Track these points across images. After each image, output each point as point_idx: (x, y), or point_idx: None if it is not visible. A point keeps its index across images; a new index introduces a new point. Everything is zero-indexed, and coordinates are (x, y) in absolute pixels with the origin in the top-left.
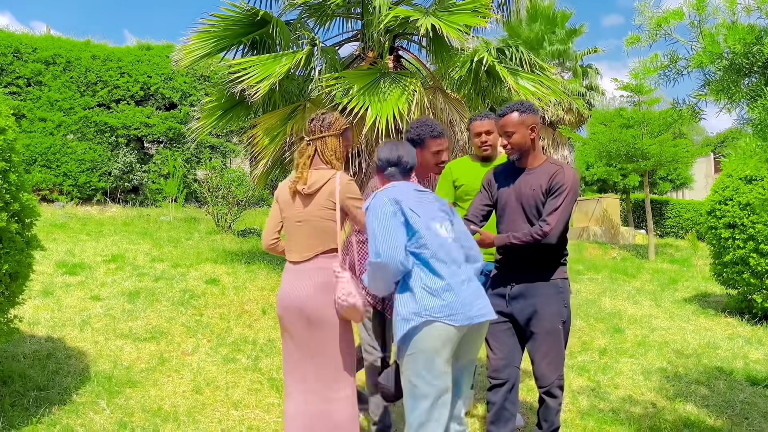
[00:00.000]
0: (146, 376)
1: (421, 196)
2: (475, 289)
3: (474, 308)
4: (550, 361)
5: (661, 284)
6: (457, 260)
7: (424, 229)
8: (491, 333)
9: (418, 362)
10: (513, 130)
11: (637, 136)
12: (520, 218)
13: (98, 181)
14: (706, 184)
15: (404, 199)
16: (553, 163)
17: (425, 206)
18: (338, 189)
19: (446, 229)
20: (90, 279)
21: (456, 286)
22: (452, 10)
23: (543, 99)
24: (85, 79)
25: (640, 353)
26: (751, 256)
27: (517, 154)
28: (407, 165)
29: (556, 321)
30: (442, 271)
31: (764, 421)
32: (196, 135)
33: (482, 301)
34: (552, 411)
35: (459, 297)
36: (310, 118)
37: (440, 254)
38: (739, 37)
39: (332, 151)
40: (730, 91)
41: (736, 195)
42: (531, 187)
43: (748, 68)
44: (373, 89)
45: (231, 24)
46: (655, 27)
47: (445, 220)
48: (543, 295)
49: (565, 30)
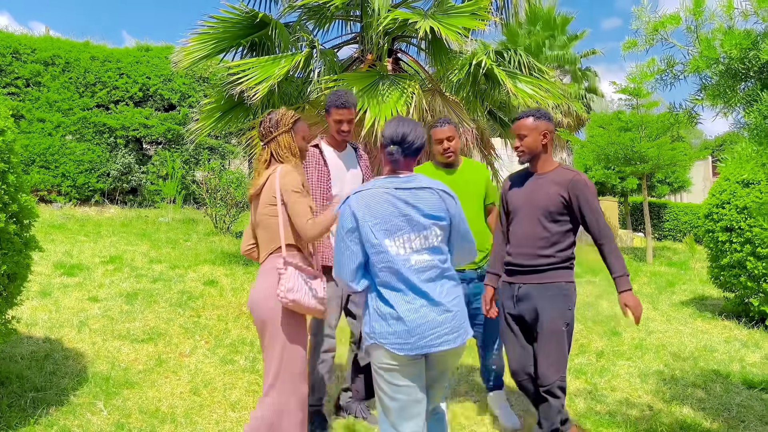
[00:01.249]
0: (144, 377)
1: (396, 199)
2: (437, 314)
3: (426, 338)
4: (552, 361)
5: (658, 287)
6: (414, 285)
7: (377, 251)
8: (506, 337)
9: (379, 378)
10: (526, 133)
11: (636, 140)
12: (530, 219)
13: (96, 182)
14: (704, 188)
15: (366, 213)
16: (566, 169)
17: (393, 217)
18: (277, 182)
19: (414, 244)
20: (88, 280)
21: (406, 314)
22: (451, 12)
23: (541, 102)
24: (84, 80)
25: (637, 356)
26: (748, 259)
27: (528, 157)
28: (412, 145)
29: (559, 323)
30: (392, 298)
31: (760, 424)
32: (194, 136)
33: (446, 326)
34: (553, 410)
35: (410, 325)
36: (259, 121)
37: (390, 279)
38: (735, 42)
39: (286, 148)
40: (726, 96)
41: (733, 198)
42: (545, 190)
43: (744, 73)
44: (371, 91)
45: (230, 26)
46: (652, 32)
47: (421, 230)
48: (547, 297)
49: (565, 35)
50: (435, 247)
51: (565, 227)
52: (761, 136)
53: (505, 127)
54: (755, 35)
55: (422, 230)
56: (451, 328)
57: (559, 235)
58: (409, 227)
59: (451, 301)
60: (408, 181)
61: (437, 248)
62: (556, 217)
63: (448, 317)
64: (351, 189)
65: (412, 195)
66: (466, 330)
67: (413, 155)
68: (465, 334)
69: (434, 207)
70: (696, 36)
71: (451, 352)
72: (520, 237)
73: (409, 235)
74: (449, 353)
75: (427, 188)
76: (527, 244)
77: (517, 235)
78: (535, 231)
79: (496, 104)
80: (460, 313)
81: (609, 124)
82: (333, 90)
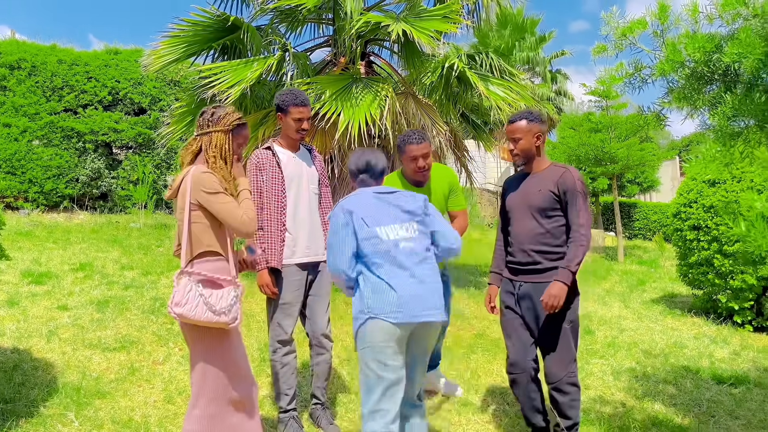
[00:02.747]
0: (116, 386)
1: (380, 200)
2: (424, 290)
3: (418, 308)
4: (557, 358)
5: (630, 285)
6: (403, 264)
7: (370, 237)
8: (506, 328)
9: (368, 355)
10: (520, 136)
11: (605, 140)
12: (525, 217)
13: (65, 187)
14: (672, 187)
15: (358, 208)
16: (558, 166)
17: (380, 211)
18: (189, 185)
19: (399, 232)
20: (57, 288)
21: (398, 286)
22: (423, 16)
23: (513, 105)
24: (51, 84)
25: (610, 354)
26: (715, 257)
27: (523, 159)
28: (377, 169)
29: (561, 320)
30: (384, 274)
31: (730, 419)
32: (166, 140)
33: (431, 302)
34: (564, 406)
35: (401, 297)
36: (201, 111)
37: (383, 259)
38: (698, 45)
39: (217, 148)
40: (692, 99)
41: (700, 198)
42: (538, 188)
43: (709, 76)
44: (345, 95)
45: (201, 29)
46: (620, 37)
47: (404, 221)
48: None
49: (535, 36)
50: (417, 237)
51: (559, 222)
52: (725, 138)
53: (477, 130)
54: (719, 38)
55: (404, 222)
56: (434, 304)
57: (554, 229)
58: (394, 219)
59: (435, 282)
60: (386, 188)
61: (419, 238)
62: (548, 213)
63: (433, 294)
64: (309, 189)
65: (393, 196)
66: (445, 311)
67: (380, 177)
68: (445, 314)
69: (411, 205)
70: (662, 40)
71: (433, 326)
72: (517, 234)
73: (394, 225)
74: (431, 328)
75: (399, 194)
76: (523, 240)
77: (514, 233)
78: (530, 227)
79: (468, 107)
80: (441, 293)
81: (579, 125)
82: (284, 91)
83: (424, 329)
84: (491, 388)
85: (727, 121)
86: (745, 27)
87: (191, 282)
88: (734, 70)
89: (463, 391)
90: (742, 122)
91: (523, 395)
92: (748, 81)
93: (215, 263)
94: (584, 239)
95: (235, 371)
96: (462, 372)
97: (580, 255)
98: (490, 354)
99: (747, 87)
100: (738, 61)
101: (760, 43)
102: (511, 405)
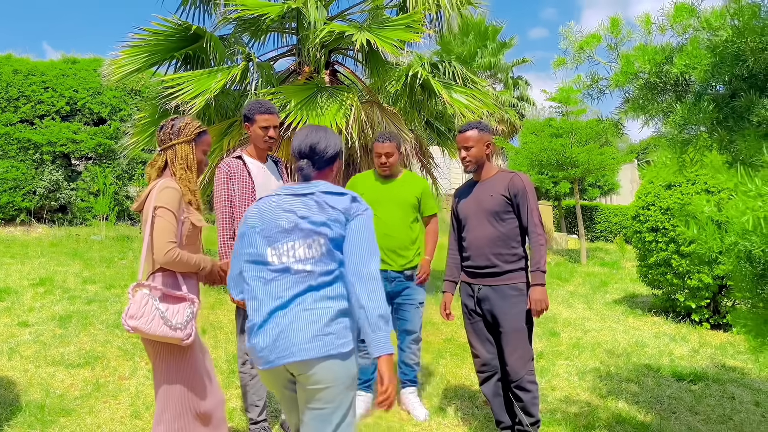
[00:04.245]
0: (81, 403)
1: (280, 211)
2: (283, 328)
3: (276, 351)
4: (518, 356)
5: (593, 287)
6: (281, 296)
7: (251, 262)
8: (470, 331)
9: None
10: (472, 144)
11: (566, 145)
12: (480, 223)
13: (22, 200)
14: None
15: (258, 218)
16: (506, 172)
17: (279, 224)
18: (153, 197)
19: (290, 253)
20: (16, 304)
21: (258, 327)
22: (387, 25)
23: (476, 111)
24: (6, 95)
25: (575, 355)
26: (673, 257)
27: (474, 166)
28: (323, 155)
29: (520, 320)
30: (252, 309)
31: (690, 414)
32: (128, 151)
33: (288, 340)
34: (528, 404)
35: (260, 339)
36: (159, 125)
37: (256, 293)
38: (648, 57)
39: (182, 159)
40: (646, 108)
41: (657, 200)
42: (489, 194)
43: (662, 86)
44: (310, 104)
45: (163, 39)
46: (578, 50)
47: (299, 238)
48: (506, 297)
49: (496, 43)
50: (317, 258)
51: (513, 224)
52: (676, 145)
53: (441, 137)
54: (670, 50)
55: (302, 236)
56: (296, 339)
57: (509, 232)
58: (293, 235)
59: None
60: (306, 188)
61: (320, 259)
62: (503, 216)
63: (294, 327)
64: None
65: (301, 202)
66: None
67: (326, 166)
68: (300, 353)
69: (317, 215)
70: (617, 53)
71: (306, 363)
72: (473, 240)
73: (291, 242)
74: (307, 365)
75: (311, 194)
76: (481, 245)
77: (470, 239)
78: (486, 232)
79: (432, 114)
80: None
81: (541, 130)
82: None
83: (302, 371)
84: (460, 392)
85: (678, 129)
86: (693, 38)
87: (149, 296)
88: (684, 80)
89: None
90: (692, 130)
91: (493, 394)
92: (698, 91)
93: (173, 278)
94: (542, 238)
95: (200, 384)
96: (430, 377)
97: (544, 254)
98: (459, 358)
99: (696, 96)
100: (687, 72)
101: (706, 55)
102: (479, 408)
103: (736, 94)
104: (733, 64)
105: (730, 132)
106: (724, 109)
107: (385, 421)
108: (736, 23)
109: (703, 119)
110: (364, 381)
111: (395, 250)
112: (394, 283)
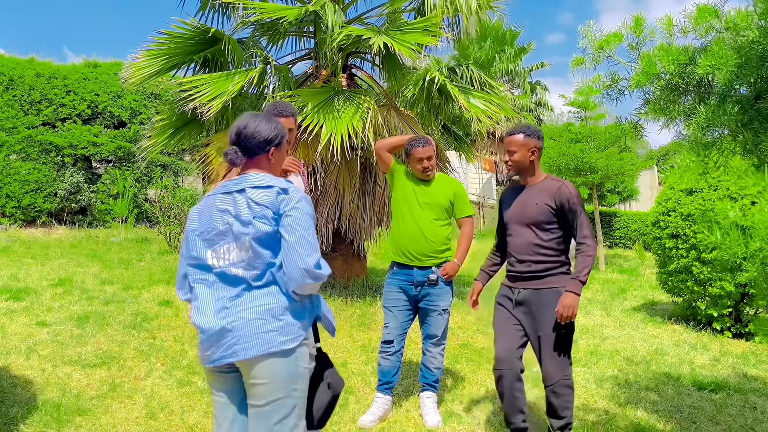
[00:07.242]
0: (97, 403)
1: (216, 211)
2: (226, 328)
3: (219, 349)
4: (555, 361)
5: (611, 294)
6: (222, 297)
7: (194, 266)
8: (498, 325)
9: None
10: (515, 149)
11: (585, 151)
12: (523, 230)
13: (43, 202)
14: (651, 196)
15: (197, 220)
16: (554, 180)
17: (215, 226)
18: None
19: (226, 256)
20: (36, 304)
21: (203, 324)
22: (404, 28)
23: (494, 117)
24: (29, 98)
25: (593, 362)
26: (693, 264)
27: (515, 170)
28: (251, 139)
29: (560, 325)
30: (196, 311)
31: (711, 424)
32: (146, 154)
33: (230, 339)
34: (559, 407)
35: (204, 337)
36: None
37: (200, 295)
38: (672, 58)
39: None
40: (667, 110)
41: (678, 206)
42: (534, 202)
43: (684, 87)
44: (327, 107)
45: (182, 42)
46: (598, 50)
47: (233, 240)
48: (545, 302)
49: (514, 48)
50: (247, 260)
51: (555, 234)
52: (699, 148)
53: (459, 141)
54: (693, 51)
55: (236, 238)
56: (236, 339)
57: (551, 242)
58: (228, 237)
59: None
60: (237, 183)
61: (249, 262)
62: (545, 226)
63: (236, 327)
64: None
65: (233, 199)
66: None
67: (256, 152)
68: (242, 352)
69: (245, 212)
70: (638, 53)
71: (251, 362)
72: (516, 246)
73: (225, 245)
74: (253, 364)
75: (241, 191)
76: (522, 251)
77: (513, 244)
78: (528, 239)
79: (449, 119)
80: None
81: (559, 136)
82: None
83: (247, 369)
84: (476, 397)
85: (701, 132)
86: (717, 39)
87: None
88: (708, 81)
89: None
90: (716, 132)
91: (508, 393)
92: (721, 92)
93: None
94: (591, 250)
95: None
96: (446, 382)
97: (588, 265)
98: (475, 364)
99: (720, 98)
100: (711, 73)
101: (732, 56)
102: (495, 414)
103: (760, 96)
104: (759, 66)
105: (756, 135)
106: (749, 111)
107: (400, 426)
108: (762, 24)
109: (727, 121)
110: (384, 383)
111: (425, 252)
112: (420, 289)
